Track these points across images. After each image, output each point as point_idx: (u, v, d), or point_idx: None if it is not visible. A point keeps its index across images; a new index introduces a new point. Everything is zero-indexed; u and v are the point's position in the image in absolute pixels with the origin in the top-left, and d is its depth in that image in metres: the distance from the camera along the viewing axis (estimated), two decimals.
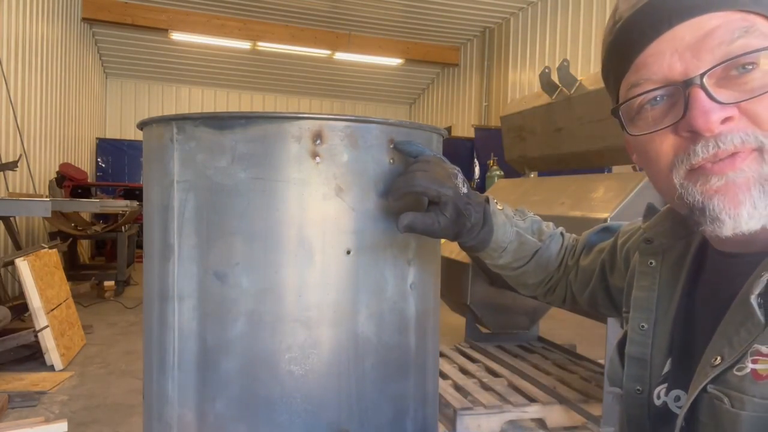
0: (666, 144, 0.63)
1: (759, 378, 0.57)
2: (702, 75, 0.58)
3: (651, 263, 0.80)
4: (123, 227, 6.14)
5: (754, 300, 0.60)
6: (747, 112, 0.58)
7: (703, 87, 0.58)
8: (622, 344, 0.82)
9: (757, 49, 0.58)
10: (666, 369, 0.75)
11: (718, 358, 0.61)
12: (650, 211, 0.86)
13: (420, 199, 0.91)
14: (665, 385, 0.75)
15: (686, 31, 0.60)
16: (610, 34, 0.69)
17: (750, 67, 0.58)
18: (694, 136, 0.60)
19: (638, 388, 0.77)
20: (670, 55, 0.61)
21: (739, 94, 0.58)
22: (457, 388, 2.92)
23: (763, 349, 0.58)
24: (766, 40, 0.59)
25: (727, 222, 0.59)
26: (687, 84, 0.59)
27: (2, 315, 3.22)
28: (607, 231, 1.03)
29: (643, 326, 0.78)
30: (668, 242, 0.79)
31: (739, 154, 0.58)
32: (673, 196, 0.64)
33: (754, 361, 0.58)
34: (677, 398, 0.72)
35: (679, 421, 0.65)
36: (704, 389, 0.62)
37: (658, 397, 0.75)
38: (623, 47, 0.66)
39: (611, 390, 0.83)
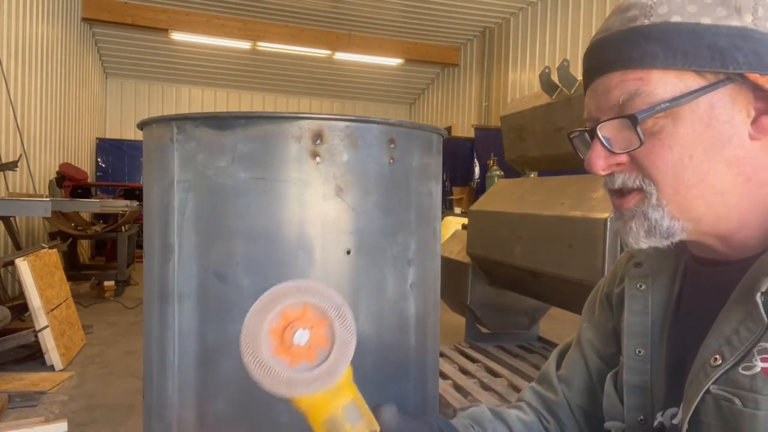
0: None
1: None
2: (596, 127, 0.67)
3: (640, 286, 0.78)
4: (123, 227, 6.13)
5: (759, 298, 0.59)
6: (635, 158, 0.66)
7: (598, 137, 0.67)
8: (616, 375, 0.79)
9: (638, 111, 0.64)
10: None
11: (717, 357, 0.61)
12: None
13: None
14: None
15: (599, 85, 0.68)
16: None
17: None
18: None
19: (641, 418, 0.75)
20: (592, 102, 0.70)
21: (632, 143, 0.66)
22: (457, 388, 2.91)
23: None
24: (654, 99, 0.63)
25: (626, 242, 0.69)
26: (592, 131, 0.68)
27: (2, 315, 3.21)
28: (564, 351, 0.95)
29: (639, 352, 0.76)
30: (658, 263, 0.78)
31: (628, 197, 0.68)
32: None
33: (764, 360, 0.58)
34: (674, 416, 0.70)
35: (684, 428, 0.63)
36: (707, 391, 0.61)
37: (655, 419, 0.73)
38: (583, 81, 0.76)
39: (611, 425, 0.78)
